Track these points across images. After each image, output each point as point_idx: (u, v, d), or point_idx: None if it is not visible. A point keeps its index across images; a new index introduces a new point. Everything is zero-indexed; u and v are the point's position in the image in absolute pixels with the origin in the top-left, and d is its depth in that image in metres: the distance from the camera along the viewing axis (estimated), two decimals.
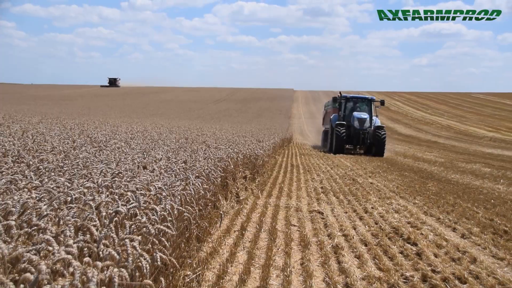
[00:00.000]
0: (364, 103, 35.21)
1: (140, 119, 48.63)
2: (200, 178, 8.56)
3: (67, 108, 72.35)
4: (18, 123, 22.32)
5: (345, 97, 35.56)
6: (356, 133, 32.77)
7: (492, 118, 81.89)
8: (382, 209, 11.72)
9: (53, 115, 38.13)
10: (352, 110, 34.60)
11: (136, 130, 23.46)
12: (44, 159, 9.05)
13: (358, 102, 35.28)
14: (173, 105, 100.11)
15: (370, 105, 35.00)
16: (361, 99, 35.76)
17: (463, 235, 9.41)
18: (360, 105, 35.08)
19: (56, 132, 17.47)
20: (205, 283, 6.18)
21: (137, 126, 28.67)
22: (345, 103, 35.28)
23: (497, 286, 6.55)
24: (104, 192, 5.95)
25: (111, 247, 4.04)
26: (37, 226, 4.23)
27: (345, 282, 6.49)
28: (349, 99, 35.48)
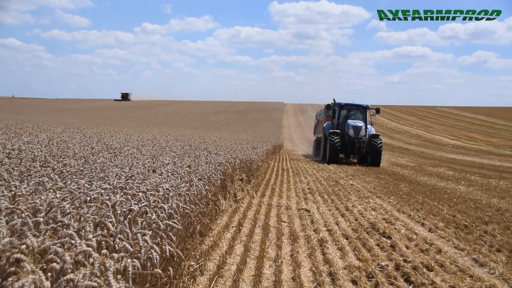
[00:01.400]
0: (358, 111, 30.18)
1: (150, 128, 48.62)
2: (202, 181, 8.55)
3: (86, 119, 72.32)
4: (44, 132, 22.34)
5: (339, 104, 30.23)
6: (351, 141, 28.09)
7: (454, 128, 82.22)
8: (361, 207, 11.72)
9: (74, 125, 38.12)
10: (346, 118, 29.69)
11: (146, 138, 23.43)
12: (67, 163, 9.04)
13: (352, 110, 30.22)
14: (179, 116, 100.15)
15: (364, 112, 30.15)
16: (356, 106, 30.30)
17: (430, 229, 9.41)
18: (354, 113, 30.11)
19: (77, 140, 17.48)
20: (207, 272, 6.14)
21: (147, 134, 28.63)
22: (339, 111, 30.24)
23: (458, 273, 6.56)
24: (119, 193, 5.93)
25: (126, 241, 4.04)
26: (62, 222, 4.24)
27: (329, 271, 6.47)
28: (343, 107, 30.21)
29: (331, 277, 6.22)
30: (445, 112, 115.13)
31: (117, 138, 21.98)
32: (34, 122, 39.65)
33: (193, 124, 76.55)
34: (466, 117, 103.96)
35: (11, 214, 4.30)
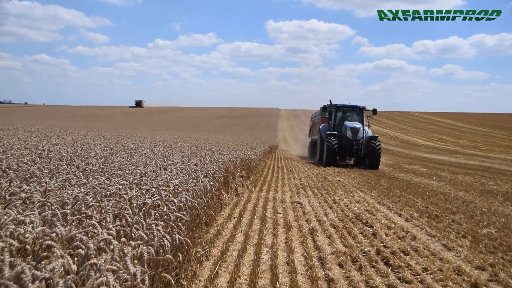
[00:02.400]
0: (355, 112, 26.27)
1: (161, 131, 48.54)
2: (207, 177, 8.56)
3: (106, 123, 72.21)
4: (70, 135, 22.38)
5: (335, 106, 26.22)
6: (349, 143, 24.09)
7: (426, 131, 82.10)
8: (347, 200, 11.73)
9: (95, 129, 38.08)
10: (342, 119, 25.76)
11: (158, 140, 23.41)
12: (89, 162, 9.08)
13: (348, 111, 26.29)
14: (186, 121, 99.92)
15: (361, 114, 26.14)
16: (352, 107, 26.31)
17: (407, 219, 9.43)
18: (351, 114, 26.19)
19: (98, 142, 17.50)
20: (212, 257, 6.16)
21: (158, 137, 28.59)
22: (335, 112, 26.20)
23: (430, 256, 6.61)
24: (135, 188, 5.96)
25: (141, 230, 4.06)
26: (85, 214, 4.27)
27: (319, 256, 6.48)
28: (339, 108, 26.18)
29: (320, 261, 6.24)
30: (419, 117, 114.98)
31: (132, 140, 21.96)
32: (61, 126, 39.67)
33: (199, 128, 76.44)
34: (437, 121, 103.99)
35: (43, 207, 4.33)
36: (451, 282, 5.45)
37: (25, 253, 3.25)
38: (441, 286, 5.36)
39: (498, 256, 6.84)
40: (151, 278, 3.64)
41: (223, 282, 5.26)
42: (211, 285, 5.06)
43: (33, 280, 2.64)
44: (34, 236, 3.34)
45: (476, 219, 9.77)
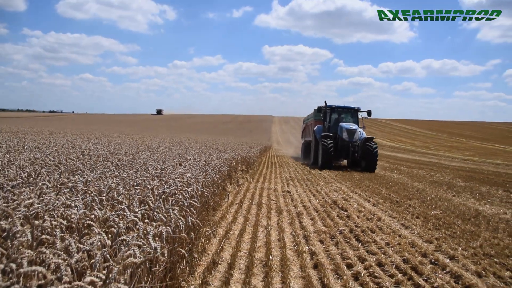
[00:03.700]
0: (350, 114, 21.88)
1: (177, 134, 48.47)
2: (214, 171, 8.58)
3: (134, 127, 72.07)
4: (106, 137, 22.38)
5: (330, 107, 21.83)
6: (345, 145, 19.57)
7: (389, 134, 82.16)
8: (327, 189, 11.76)
9: (126, 132, 38.05)
10: (337, 121, 21.32)
11: (175, 141, 23.40)
12: (120, 159, 9.08)
13: (343, 113, 21.88)
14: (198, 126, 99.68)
15: (356, 115, 21.85)
16: (347, 109, 21.96)
17: (374, 204, 9.47)
18: (345, 116, 21.72)
19: (127, 142, 17.49)
20: (218, 235, 6.19)
21: (175, 139, 28.56)
22: (330, 114, 21.71)
23: (391, 233, 6.66)
24: (156, 180, 5.97)
25: (161, 213, 4.07)
26: (117, 200, 4.28)
27: (304, 234, 6.52)
28: (334, 109, 21.75)
29: (305, 238, 6.28)
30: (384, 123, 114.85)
31: (154, 141, 21.95)
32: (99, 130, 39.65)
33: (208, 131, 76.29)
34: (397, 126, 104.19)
35: (84, 194, 4.36)
36: (407, 253, 5.49)
37: (71, 230, 3.29)
38: (400, 256, 5.39)
39: (442, 232, 6.93)
40: (169, 252, 3.67)
41: (227, 255, 5.30)
42: (218, 258, 5.10)
43: (77, 251, 2.68)
44: (78, 217, 3.37)
45: (427, 203, 9.84)
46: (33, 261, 2.52)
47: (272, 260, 5.09)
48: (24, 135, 19.74)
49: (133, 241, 3.04)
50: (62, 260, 2.46)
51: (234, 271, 4.72)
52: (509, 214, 9.19)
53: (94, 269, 2.58)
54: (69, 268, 2.45)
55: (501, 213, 9.26)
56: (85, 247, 2.74)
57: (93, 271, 2.57)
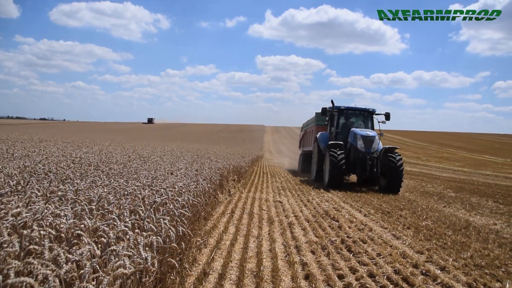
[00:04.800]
0: (362, 117, 16.85)
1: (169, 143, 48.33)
2: (206, 180, 8.55)
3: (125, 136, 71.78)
4: (97, 146, 22.25)
5: (338, 108, 16.70)
6: (360, 158, 14.76)
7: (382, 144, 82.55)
8: (318, 200, 11.75)
9: (117, 141, 37.84)
10: (346, 126, 16.39)
11: (167, 150, 23.30)
12: (112, 167, 9.01)
13: (354, 116, 16.90)
14: (190, 135, 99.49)
15: (371, 119, 16.72)
16: (360, 111, 16.85)
17: (365, 215, 9.48)
18: (357, 120, 16.85)
19: (119, 151, 17.38)
20: (209, 245, 6.15)
21: (167, 147, 28.46)
22: (338, 117, 16.78)
23: (382, 244, 6.66)
24: (147, 189, 5.93)
25: (151, 223, 4.04)
26: (107, 209, 4.25)
27: (295, 244, 6.49)
28: (343, 111, 16.72)
29: (296, 249, 6.25)
30: None
31: (146, 149, 21.85)
32: (90, 138, 39.45)
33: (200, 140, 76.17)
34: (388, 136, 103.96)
35: (74, 203, 4.32)
36: (398, 264, 5.50)
37: (60, 240, 3.25)
38: (391, 267, 5.39)
39: (433, 242, 6.96)
40: (159, 262, 3.63)
41: (218, 265, 5.26)
42: (208, 268, 5.06)
43: (67, 262, 2.64)
44: (67, 226, 3.33)
45: (418, 214, 9.89)
46: (21, 272, 2.48)
47: (263, 270, 5.06)
48: (13, 142, 19.56)
49: (124, 251, 3.02)
50: (51, 271, 2.42)
51: (225, 281, 4.68)
52: (499, 225, 9.26)
53: (83, 280, 2.55)
54: (57, 279, 2.41)
55: (491, 224, 9.33)
56: (74, 258, 2.71)
57: (82, 282, 2.54)
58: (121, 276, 2.73)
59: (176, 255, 4.25)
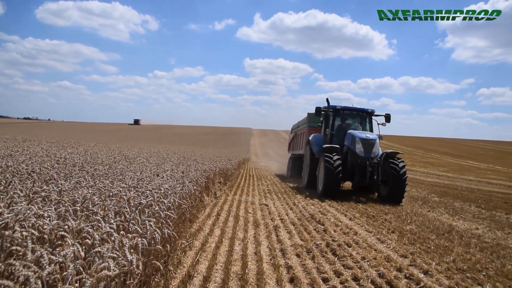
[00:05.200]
0: (360, 118, 15.38)
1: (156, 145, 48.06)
2: (192, 182, 8.52)
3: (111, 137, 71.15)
4: (82, 146, 22.00)
5: (334, 108, 15.11)
6: (359, 163, 13.38)
7: None
8: (304, 203, 11.79)
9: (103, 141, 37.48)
10: (342, 128, 15.02)
11: (153, 152, 23.17)
12: (97, 168, 8.92)
13: (351, 117, 15.45)
14: (176, 137, 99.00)
15: (370, 121, 15.29)
16: (357, 111, 15.36)
17: (350, 218, 9.53)
18: (354, 121, 15.41)
19: (104, 152, 17.22)
20: (194, 248, 6.12)
21: (153, 149, 28.29)
22: (333, 117, 15.29)
23: (367, 248, 6.71)
24: (132, 190, 5.88)
25: (137, 225, 4.02)
26: (92, 211, 4.20)
27: (281, 247, 6.50)
28: (339, 111, 15.17)
29: (282, 252, 6.25)
30: None
31: (132, 151, 21.68)
32: (75, 138, 39.03)
33: (187, 142, 75.85)
34: None
35: (58, 204, 4.27)
36: (382, 267, 5.54)
37: (43, 241, 3.22)
38: (375, 270, 5.44)
39: (417, 246, 7.04)
40: (144, 264, 3.62)
41: (203, 268, 5.24)
42: (193, 270, 5.04)
43: (49, 263, 2.62)
44: (50, 227, 3.30)
45: (402, 218, 9.99)
46: (1, 274, 2.45)
47: (248, 273, 5.06)
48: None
49: (108, 253, 2.99)
50: (33, 273, 2.39)
51: (210, 284, 4.67)
52: (481, 229, 9.42)
53: (66, 282, 2.52)
54: (39, 281, 2.39)
55: (473, 228, 9.49)
56: (57, 259, 2.68)
57: (65, 284, 2.51)
58: (105, 278, 2.71)
59: (161, 257, 4.23)
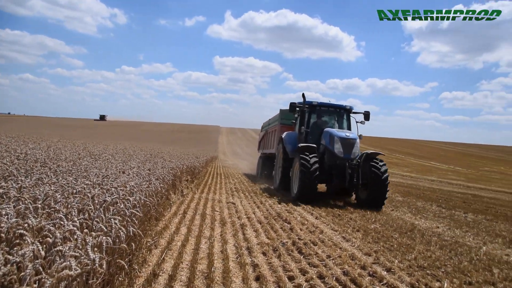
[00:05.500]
0: (337, 115, 14.37)
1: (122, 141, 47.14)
2: (159, 180, 8.41)
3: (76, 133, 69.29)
4: (45, 142, 21.29)
5: (310, 104, 13.90)
6: (338, 165, 12.35)
7: None
8: (271, 202, 11.84)
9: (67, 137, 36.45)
10: (318, 125, 13.82)
11: (119, 148, 22.73)
12: (60, 165, 8.66)
13: (328, 113, 14.38)
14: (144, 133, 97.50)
15: (348, 119, 14.35)
16: (335, 108, 14.22)
17: (316, 217, 9.65)
18: (330, 119, 14.42)
19: (68, 148, 16.78)
20: (159, 246, 6.04)
21: (119, 146, 27.74)
22: (309, 114, 14.00)
23: (333, 246, 6.81)
24: (97, 188, 5.75)
25: (101, 223, 3.93)
26: (54, 208, 4.08)
27: (247, 246, 6.50)
28: (315, 107, 14.00)
29: (248, 250, 6.26)
30: None
31: (97, 147, 21.19)
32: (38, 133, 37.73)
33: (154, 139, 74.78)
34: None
35: (17, 201, 4.11)
36: (347, 265, 5.65)
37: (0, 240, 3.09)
38: (340, 268, 5.53)
39: (380, 245, 7.22)
40: (108, 263, 3.54)
41: (168, 266, 5.19)
42: (158, 269, 4.97)
43: (5, 263, 2.52)
44: (8, 226, 3.17)
45: (367, 217, 10.21)
46: None
47: (214, 272, 5.04)
48: None
49: (70, 252, 2.91)
50: None
51: (175, 283, 4.63)
52: (441, 228, 9.76)
53: (24, 282, 2.44)
54: None
55: (434, 227, 9.82)
56: (14, 259, 2.58)
57: (22, 285, 2.43)
58: (66, 278, 2.63)
59: (125, 256, 4.16)
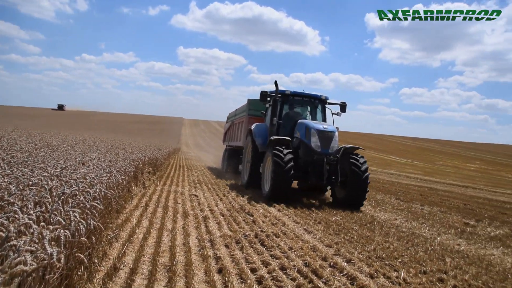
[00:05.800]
0: (312, 106, 13.14)
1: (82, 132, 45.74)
2: (120, 172, 8.23)
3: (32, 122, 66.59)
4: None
5: (283, 93, 12.37)
6: (315, 160, 11.03)
7: None
8: (234, 194, 11.87)
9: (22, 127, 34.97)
10: (290, 117, 12.57)
11: (78, 139, 22.04)
12: (14, 155, 8.30)
13: (302, 104, 13.17)
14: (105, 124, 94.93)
15: (323, 110, 13.03)
16: (310, 97, 12.88)
17: (279, 210, 9.77)
18: (303, 110, 13.25)
19: (24, 138, 16.11)
20: (120, 239, 5.94)
21: (79, 136, 26.89)
22: (281, 104, 12.59)
23: (295, 238, 6.91)
24: (55, 179, 5.55)
25: (59, 216, 3.80)
26: (8, 201, 3.92)
27: (210, 238, 6.51)
28: (288, 97, 12.61)
29: (211, 243, 6.26)
30: None
31: (55, 138, 20.45)
32: None
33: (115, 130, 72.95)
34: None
35: None
36: (308, 257, 5.75)
37: None
38: (302, 260, 5.62)
39: (341, 236, 7.40)
40: (66, 257, 3.44)
41: (130, 260, 5.11)
42: (119, 262, 4.89)
43: None
44: None
45: (328, 209, 10.40)
46: None
47: (177, 264, 5.01)
48: None
49: (25, 247, 2.80)
50: None
51: (136, 276, 4.57)
52: (399, 220, 10.11)
53: None
54: None
55: (392, 219, 10.16)
56: None
57: None
58: (21, 273, 2.54)
59: (85, 250, 4.06)
